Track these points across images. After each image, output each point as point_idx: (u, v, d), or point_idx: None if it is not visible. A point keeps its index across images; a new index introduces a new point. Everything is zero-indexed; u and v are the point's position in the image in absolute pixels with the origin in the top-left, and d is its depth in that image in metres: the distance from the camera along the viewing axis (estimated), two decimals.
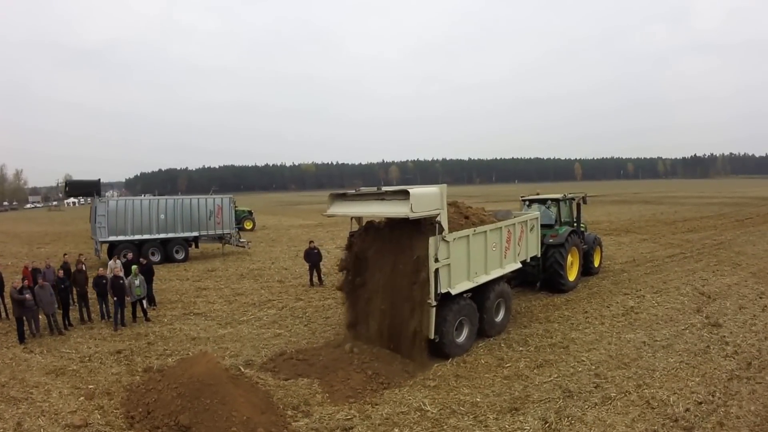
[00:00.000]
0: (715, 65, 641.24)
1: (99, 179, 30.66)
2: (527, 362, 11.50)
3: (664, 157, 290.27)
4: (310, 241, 21.63)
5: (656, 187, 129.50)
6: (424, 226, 11.48)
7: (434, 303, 11.16)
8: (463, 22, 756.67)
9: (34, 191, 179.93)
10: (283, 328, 14.59)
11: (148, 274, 17.14)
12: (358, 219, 13.35)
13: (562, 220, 18.94)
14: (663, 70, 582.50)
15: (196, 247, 30.35)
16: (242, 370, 11.03)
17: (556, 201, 18.97)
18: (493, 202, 76.33)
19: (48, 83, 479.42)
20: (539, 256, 16.33)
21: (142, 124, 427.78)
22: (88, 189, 30.35)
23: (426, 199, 11.06)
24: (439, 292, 11.21)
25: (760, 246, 25.57)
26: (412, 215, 10.62)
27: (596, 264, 20.55)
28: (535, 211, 17.76)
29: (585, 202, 20.37)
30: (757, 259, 22.14)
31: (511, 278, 17.23)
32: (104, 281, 15.65)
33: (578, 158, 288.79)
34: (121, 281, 15.61)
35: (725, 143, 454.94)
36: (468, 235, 12.30)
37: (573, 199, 19.93)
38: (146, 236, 27.35)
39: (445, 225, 11.39)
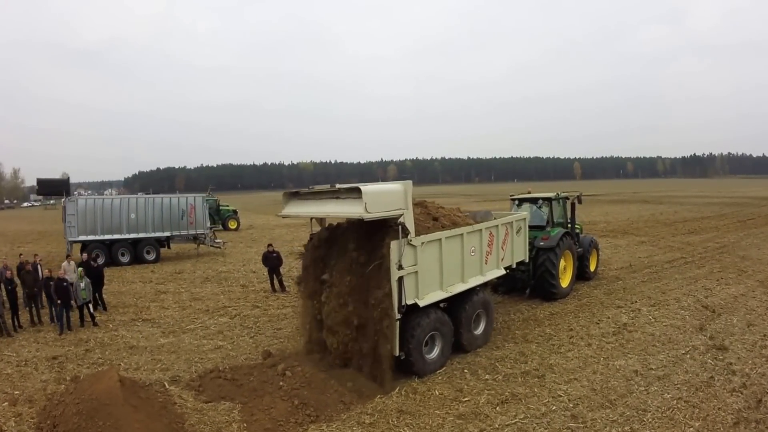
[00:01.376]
0: (713, 65, 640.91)
1: (68, 178, 30.62)
2: (491, 396, 9.67)
3: (663, 157, 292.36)
4: (269, 244, 20.17)
5: (655, 187, 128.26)
6: (389, 229, 10.19)
7: (398, 316, 9.88)
8: (461, 22, 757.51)
9: (33, 190, 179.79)
10: (226, 340, 13.51)
11: (96, 277, 16.56)
12: (320, 220, 12.24)
13: (555, 221, 17.37)
14: (662, 70, 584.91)
15: (168, 247, 29.20)
16: (166, 386, 10.21)
17: (548, 200, 17.43)
18: (490, 201, 75.77)
19: (47, 82, 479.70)
20: (527, 260, 14.97)
21: (141, 123, 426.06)
22: (58, 188, 29.89)
23: (384, 197, 9.80)
24: (403, 303, 9.92)
25: (766, 250, 23.87)
26: (366, 216, 9.33)
27: (592, 268, 19.07)
28: (525, 211, 16.50)
29: (580, 202, 18.77)
30: (764, 264, 20.30)
31: (498, 284, 16.35)
32: (51, 282, 15.12)
33: (577, 157, 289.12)
34: (65, 284, 14.93)
35: (723, 143, 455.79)
36: (440, 239, 10.96)
37: (567, 198, 18.38)
38: (116, 236, 26.48)
39: (410, 227, 10.09)
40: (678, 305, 15.04)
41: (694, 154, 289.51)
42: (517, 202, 18.04)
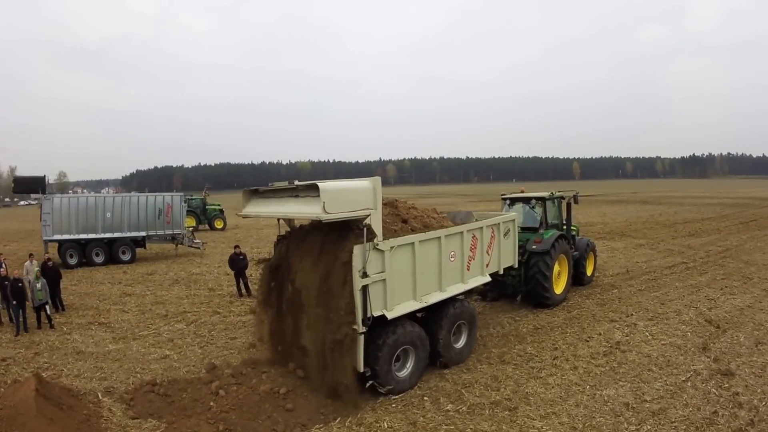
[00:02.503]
0: (712, 65, 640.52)
1: (45, 176, 28.79)
2: None
3: (662, 157, 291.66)
4: (236, 246, 19.03)
5: (655, 187, 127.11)
6: (351, 231, 9.17)
7: (362, 329, 8.82)
8: (460, 20, 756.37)
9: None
10: (174, 349, 12.71)
11: (53, 277, 16.33)
12: (288, 220, 11.21)
13: (549, 222, 16.11)
14: (661, 69, 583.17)
15: (144, 247, 28.39)
16: (99, 397, 9.76)
17: (542, 200, 16.12)
18: (487, 201, 74.81)
19: (44, 81, 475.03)
20: (516, 266, 13.82)
21: (139, 121, 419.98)
22: (34, 186, 28.46)
23: (347, 196, 8.78)
24: (369, 315, 8.86)
25: None
26: (325, 217, 8.29)
27: (589, 272, 17.83)
28: (517, 212, 15.55)
29: (576, 202, 17.48)
30: None
31: (486, 291, 15.22)
32: (6, 283, 14.79)
33: (577, 157, 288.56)
34: (20, 284, 14.63)
35: (722, 143, 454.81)
36: (413, 243, 9.84)
37: (562, 198, 17.14)
38: (91, 236, 25.84)
39: (378, 229, 9.03)
40: (678, 319, 13.53)
41: (694, 154, 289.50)
42: (508, 201, 16.83)
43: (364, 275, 8.77)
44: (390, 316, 9.32)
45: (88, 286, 20.57)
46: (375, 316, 9.02)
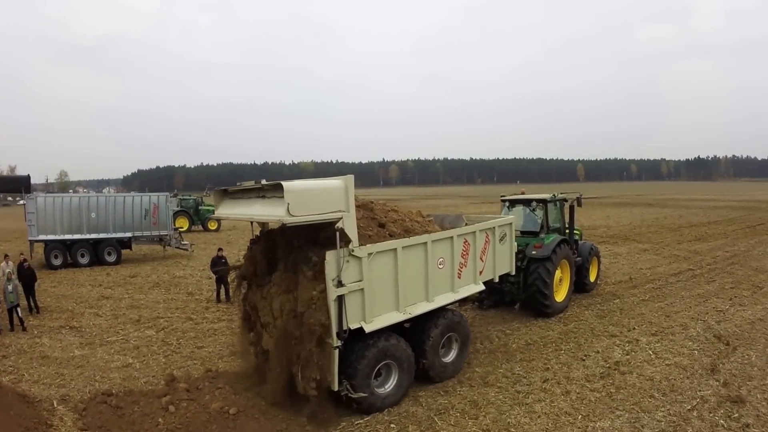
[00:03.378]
0: (716, 66, 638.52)
1: (29, 175, 29.03)
2: None
3: (667, 159, 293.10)
4: (219, 249, 18.40)
5: (660, 189, 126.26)
6: (327, 235, 8.51)
7: (336, 343, 8.10)
8: (463, 20, 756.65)
9: (33, 188, 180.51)
10: (138, 357, 12.23)
11: (28, 279, 16.11)
12: (262, 223, 10.56)
13: (551, 226, 15.17)
14: (665, 70, 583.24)
15: (130, 249, 27.74)
16: (54, 405, 9.49)
17: (543, 202, 15.15)
18: (490, 203, 74.00)
19: (44, 79, 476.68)
20: (513, 272, 12.81)
21: (140, 121, 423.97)
22: (17, 185, 28.66)
23: (315, 197, 7.97)
24: (345, 328, 8.11)
25: None
26: (289, 220, 7.54)
27: (592, 279, 16.93)
28: (516, 214, 14.76)
29: (579, 205, 16.51)
30: None
31: (483, 298, 14.47)
32: None
33: (581, 159, 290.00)
34: None
35: (727, 145, 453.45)
36: (395, 249, 9.03)
37: (565, 200, 16.16)
38: (76, 236, 25.33)
39: (353, 234, 8.25)
40: (685, 335, 12.37)
41: (698, 156, 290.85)
42: (508, 203, 15.83)
43: (339, 284, 8.02)
44: (369, 329, 8.57)
45: (69, 288, 20.16)
46: (352, 328, 8.26)
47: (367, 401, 8.68)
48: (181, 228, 34.94)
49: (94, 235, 25.57)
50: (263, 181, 8.71)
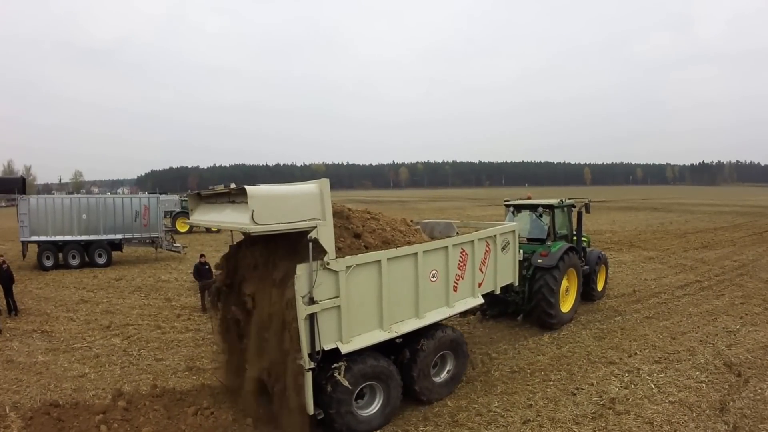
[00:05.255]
0: (720, 72, 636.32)
1: (22, 176, 28.81)
2: None
3: (672, 164, 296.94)
4: (201, 255, 17.85)
5: (665, 193, 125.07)
6: (297, 246, 7.72)
7: (308, 365, 7.32)
8: (470, 25, 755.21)
9: (46, 188, 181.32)
10: (95, 367, 11.86)
11: (5, 280, 16.04)
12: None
13: (557, 233, 14.44)
14: (670, 77, 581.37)
15: (120, 250, 27.52)
16: (7, 411, 9.43)
17: (550, 208, 14.43)
18: (496, 205, 72.87)
19: (58, 81, 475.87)
20: (516, 283, 12.02)
21: (154, 122, 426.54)
22: (10, 186, 28.01)
23: (283, 203, 7.33)
24: (318, 349, 7.38)
25: None
26: (254, 228, 6.96)
27: (599, 288, 16.24)
28: (522, 220, 14.25)
29: (587, 211, 15.58)
30: None
31: (485, 308, 13.68)
32: None
33: (588, 163, 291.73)
34: None
35: (731, 150, 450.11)
36: (379, 261, 8.26)
37: (572, 206, 15.39)
38: (67, 237, 25.38)
39: (328, 245, 7.49)
40: (692, 362, 11.00)
41: (703, 161, 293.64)
42: (512, 209, 15.13)
43: (311, 302, 7.30)
44: (345, 349, 7.84)
45: (53, 290, 20.14)
46: (326, 349, 7.58)
47: (346, 425, 8.03)
48: (169, 228, 34.62)
49: (84, 237, 25.54)
50: (232, 185, 8.02)
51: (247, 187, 7.12)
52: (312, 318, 7.33)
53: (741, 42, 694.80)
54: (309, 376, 7.38)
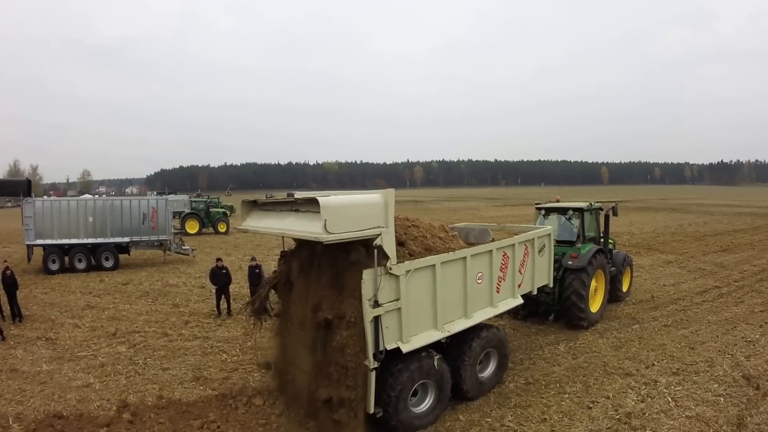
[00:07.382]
0: (739, 69, 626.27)
1: (28, 179, 28.62)
2: None
3: (691, 162, 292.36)
4: (218, 259, 17.41)
5: (683, 193, 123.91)
6: (360, 250, 8.10)
7: (373, 365, 7.79)
8: (485, 22, 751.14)
9: (54, 187, 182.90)
10: (100, 377, 11.64)
11: (10, 287, 15.86)
12: None
13: (586, 235, 15.04)
14: (688, 74, 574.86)
15: (128, 254, 27.38)
16: (10, 422, 9.38)
17: (580, 211, 15.03)
18: (512, 205, 74.15)
19: (66, 80, 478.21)
20: (551, 285, 12.71)
21: (163, 121, 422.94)
22: (16, 189, 28.17)
23: (352, 212, 7.76)
24: (381, 349, 7.93)
25: None
26: (326, 238, 7.31)
27: (625, 289, 16.87)
28: (551, 224, 14.63)
29: (615, 214, 16.14)
30: None
31: (517, 310, 13.84)
32: None
33: (605, 162, 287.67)
34: None
35: (750, 149, 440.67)
36: (434, 265, 8.89)
37: (601, 209, 15.96)
38: (74, 240, 24.97)
39: (391, 251, 8.06)
40: (710, 374, 10.76)
41: (722, 160, 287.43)
42: (543, 212, 15.72)
43: (376, 304, 7.85)
44: (406, 349, 8.38)
45: (59, 295, 19.75)
46: (389, 349, 8.11)
47: (402, 423, 8.50)
48: (177, 230, 34.54)
49: (91, 240, 25.22)
50: (296, 194, 8.39)
51: (318, 198, 7.44)
52: (376, 320, 7.83)
53: (762, 38, 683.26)
54: (372, 375, 7.82)
